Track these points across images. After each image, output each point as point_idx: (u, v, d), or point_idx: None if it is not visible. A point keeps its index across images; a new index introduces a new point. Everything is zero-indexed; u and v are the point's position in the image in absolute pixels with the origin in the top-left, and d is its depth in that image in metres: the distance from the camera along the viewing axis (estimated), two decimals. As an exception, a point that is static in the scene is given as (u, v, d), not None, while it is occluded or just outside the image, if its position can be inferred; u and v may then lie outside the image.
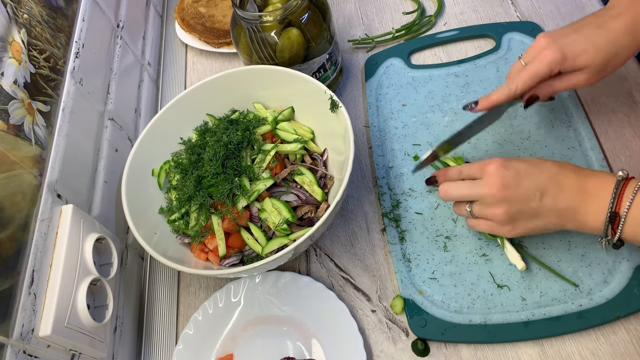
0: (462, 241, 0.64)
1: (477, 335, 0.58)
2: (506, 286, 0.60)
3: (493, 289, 0.60)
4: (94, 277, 0.57)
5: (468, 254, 0.63)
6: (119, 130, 0.75)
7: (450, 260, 0.63)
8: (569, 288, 0.58)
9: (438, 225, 0.66)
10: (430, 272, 0.63)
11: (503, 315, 0.58)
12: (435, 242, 0.65)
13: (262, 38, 0.70)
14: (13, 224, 0.50)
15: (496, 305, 0.59)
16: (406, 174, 0.71)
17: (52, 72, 0.62)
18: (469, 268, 0.62)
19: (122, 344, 0.64)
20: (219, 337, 0.64)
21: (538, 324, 0.57)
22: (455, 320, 0.59)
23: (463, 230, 0.64)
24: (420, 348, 0.59)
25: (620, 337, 0.56)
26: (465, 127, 0.60)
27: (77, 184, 0.62)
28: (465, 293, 0.60)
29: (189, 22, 0.95)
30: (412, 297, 0.61)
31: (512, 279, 0.60)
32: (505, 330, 0.57)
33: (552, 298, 0.58)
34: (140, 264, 0.74)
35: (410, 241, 0.65)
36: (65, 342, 0.51)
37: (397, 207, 0.68)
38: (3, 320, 0.46)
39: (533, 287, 0.59)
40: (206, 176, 0.66)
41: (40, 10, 0.63)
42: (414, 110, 0.76)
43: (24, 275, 0.49)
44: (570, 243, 0.60)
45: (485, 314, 0.58)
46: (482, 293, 0.60)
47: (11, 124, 0.52)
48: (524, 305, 0.58)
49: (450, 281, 0.62)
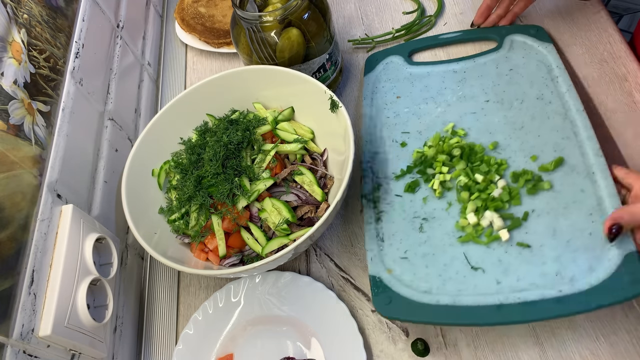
0: (440, 223, 0.62)
1: (445, 316, 0.55)
2: (481, 268, 0.57)
3: (467, 271, 0.58)
4: (94, 277, 0.57)
5: (445, 235, 0.61)
6: (119, 130, 0.75)
7: (424, 241, 0.61)
8: (549, 272, 0.55)
9: (417, 207, 0.64)
10: (402, 252, 0.61)
11: (475, 297, 0.55)
12: (412, 223, 0.63)
13: (262, 38, 0.70)
14: (13, 224, 0.50)
15: (468, 288, 0.56)
16: (391, 160, 0.70)
17: (52, 72, 0.62)
18: (444, 250, 0.60)
19: (122, 344, 0.64)
20: (219, 337, 0.64)
21: (512, 308, 0.53)
22: (423, 300, 0.57)
23: (442, 213, 0.63)
24: (420, 348, 0.59)
25: (621, 337, 0.56)
26: None
27: (77, 184, 0.62)
28: (436, 274, 0.58)
29: (189, 22, 0.95)
30: (379, 275, 0.60)
31: (488, 262, 0.58)
32: (476, 313, 0.54)
33: (530, 282, 0.55)
34: (140, 264, 0.74)
35: (386, 221, 0.64)
36: (65, 342, 0.51)
37: (377, 189, 0.67)
38: (3, 320, 0.46)
39: (510, 271, 0.56)
40: (206, 176, 0.66)
41: (40, 10, 0.63)
42: (408, 101, 0.75)
43: (24, 275, 0.49)
44: (556, 230, 0.58)
45: (455, 296, 0.56)
46: (454, 274, 0.58)
47: (11, 124, 0.52)
48: (498, 288, 0.55)
49: (422, 262, 0.60)
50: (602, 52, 0.75)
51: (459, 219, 0.62)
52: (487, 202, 0.61)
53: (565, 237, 0.57)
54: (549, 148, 0.64)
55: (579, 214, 0.58)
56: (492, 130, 0.68)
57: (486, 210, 0.61)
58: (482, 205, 0.61)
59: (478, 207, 0.61)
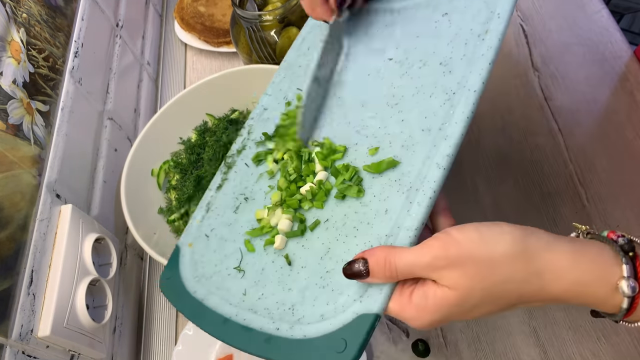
0: (252, 207, 0.52)
1: (190, 310, 0.48)
2: (243, 271, 0.48)
3: (233, 270, 0.49)
4: (93, 277, 0.56)
5: (246, 222, 0.51)
6: (118, 130, 0.75)
7: (230, 223, 0.52)
8: (287, 302, 0.44)
9: (250, 183, 0.54)
10: (209, 229, 0.53)
11: (219, 301, 0.47)
12: (235, 200, 0.53)
13: (261, 37, 0.70)
14: (12, 224, 0.49)
15: (222, 288, 0.48)
16: (272, 120, 0.56)
17: (51, 71, 0.62)
18: (234, 239, 0.51)
19: (121, 345, 0.63)
20: (219, 338, 0.64)
21: (233, 327, 0.45)
22: (187, 286, 0.49)
23: (261, 196, 0.52)
24: (421, 349, 0.59)
25: (622, 337, 0.55)
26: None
27: (76, 183, 0.62)
28: (214, 263, 0.50)
29: (188, 22, 0.95)
30: (182, 246, 0.52)
31: (252, 267, 0.48)
32: (208, 318, 0.46)
33: (265, 307, 0.45)
34: (140, 264, 0.74)
35: (221, 192, 0.55)
36: (65, 342, 0.51)
37: (240, 152, 0.56)
38: (2, 321, 0.46)
39: (260, 286, 0.46)
40: (206, 176, 0.66)
41: (39, 10, 0.63)
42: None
43: (23, 275, 0.49)
44: (329, 253, 0.44)
45: (209, 293, 0.48)
46: (224, 269, 0.49)
47: (10, 123, 0.52)
48: (240, 300, 0.46)
49: (216, 245, 0.51)
50: (602, 51, 0.74)
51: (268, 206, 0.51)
52: (287, 197, 0.50)
53: (331, 266, 0.44)
54: (399, 141, 0.46)
55: (362, 240, 0.43)
56: (367, 101, 0.51)
57: (282, 205, 0.50)
58: (281, 199, 0.50)
59: (278, 200, 0.50)
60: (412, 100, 0.48)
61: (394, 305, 0.38)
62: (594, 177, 0.68)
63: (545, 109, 0.75)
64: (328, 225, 0.46)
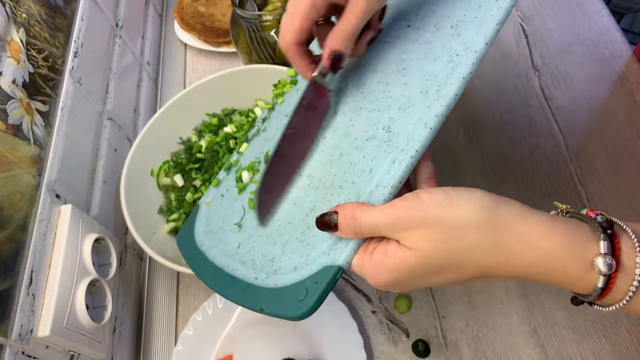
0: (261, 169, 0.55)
1: (195, 261, 0.52)
2: (241, 226, 0.51)
3: (233, 226, 0.51)
4: (92, 277, 0.56)
5: (256, 182, 0.54)
6: (118, 130, 0.75)
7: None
8: (268, 254, 0.46)
9: (268, 146, 0.55)
10: (225, 189, 0.56)
11: (218, 252, 0.50)
12: (252, 161, 0.56)
13: (261, 37, 0.70)
14: (12, 224, 0.49)
15: (223, 242, 0.51)
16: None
17: (50, 71, 0.62)
18: (245, 197, 0.53)
19: (121, 345, 0.63)
20: (219, 338, 0.64)
21: (223, 277, 0.47)
22: (197, 240, 0.53)
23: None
24: (421, 349, 0.59)
25: (622, 337, 0.55)
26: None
27: (75, 184, 0.62)
28: (224, 217, 0.53)
29: (188, 21, 0.95)
30: (201, 205, 0.57)
31: (249, 222, 0.50)
32: (207, 269, 0.50)
33: (251, 258, 0.47)
34: (140, 265, 0.73)
35: (243, 156, 0.58)
36: (64, 342, 0.51)
37: (265, 120, 0.59)
38: (2, 321, 0.45)
39: (252, 240, 0.48)
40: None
41: (39, 10, 0.63)
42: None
43: (22, 275, 0.49)
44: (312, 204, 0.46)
45: (210, 246, 0.51)
46: (228, 224, 0.52)
47: (10, 123, 0.52)
48: (234, 252, 0.49)
49: (226, 201, 0.55)
50: (603, 51, 0.74)
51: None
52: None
53: (312, 222, 0.44)
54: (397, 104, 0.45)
55: (344, 198, 0.43)
56: (378, 66, 0.50)
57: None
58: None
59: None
60: (418, 64, 0.47)
61: (357, 260, 0.38)
62: (594, 177, 0.68)
63: (545, 109, 0.75)
64: (319, 184, 0.46)
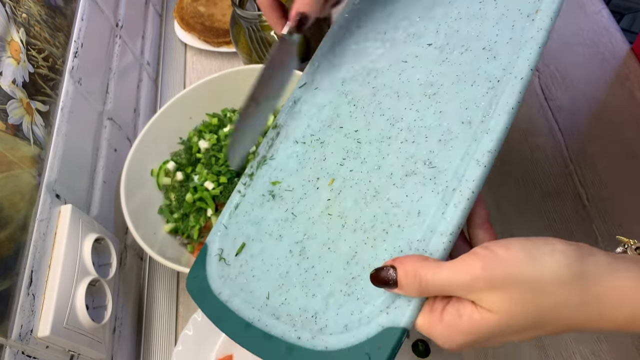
0: (279, 205, 0.47)
1: (214, 313, 0.45)
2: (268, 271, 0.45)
3: (257, 271, 0.46)
4: (92, 277, 0.56)
5: (273, 221, 0.47)
6: (118, 130, 0.75)
7: (258, 221, 0.48)
8: (309, 309, 0.41)
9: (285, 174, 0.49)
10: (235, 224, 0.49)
11: (243, 303, 0.44)
12: (262, 197, 0.49)
13: (261, 37, 0.70)
14: (12, 224, 0.49)
15: (245, 290, 0.45)
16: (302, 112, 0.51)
17: (50, 71, 0.62)
18: (264, 238, 0.47)
19: (121, 345, 0.63)
20: (219, 338, 0.64)
21: (254, 333, 0.42)
22: (212, 287, 0.46)
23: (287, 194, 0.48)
24: (421, 349, 0.59)
25: (622, 337, 0.55)
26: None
27: (75, 184, 0.62)
28: (242, 261, 0.47)
29: (188, 21, 0.95)
30: (209, 244, 0.49)
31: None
32: (233, 323, 0.44)
33: (288, 313, 0.42)
34: (140, 265, 0.73)
35: (250, 189, 0.50)
36: (64, 342, 0.51)
37: (271, 146, 0.51)
38: (2, 321, 0.45)
39: (284, 289, 0.43)
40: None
41: (39, 10, 0.63)
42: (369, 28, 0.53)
43: (22, 275, 0.49)
44: (356, 256, 0.41)
45: (231, 294, 0.45)
46: (248, 269, 0.46)
47: (10, 123, 0.52)
48: (263, 304, 0.43)
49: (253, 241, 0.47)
50: (603, 51, 0.74)
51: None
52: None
53: (357, 272, 0.40)
54: (435, 135, 0.42)
55: (391, 244, 0.39)
56: (402, 90, 0.46)
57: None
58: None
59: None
60: (452, 89, 0.43)
61: (423, 321, 0.34)
62: (594, 177, 0.68)
63: (545, 109, 0.75)
64: (356, 227, 0.42)
